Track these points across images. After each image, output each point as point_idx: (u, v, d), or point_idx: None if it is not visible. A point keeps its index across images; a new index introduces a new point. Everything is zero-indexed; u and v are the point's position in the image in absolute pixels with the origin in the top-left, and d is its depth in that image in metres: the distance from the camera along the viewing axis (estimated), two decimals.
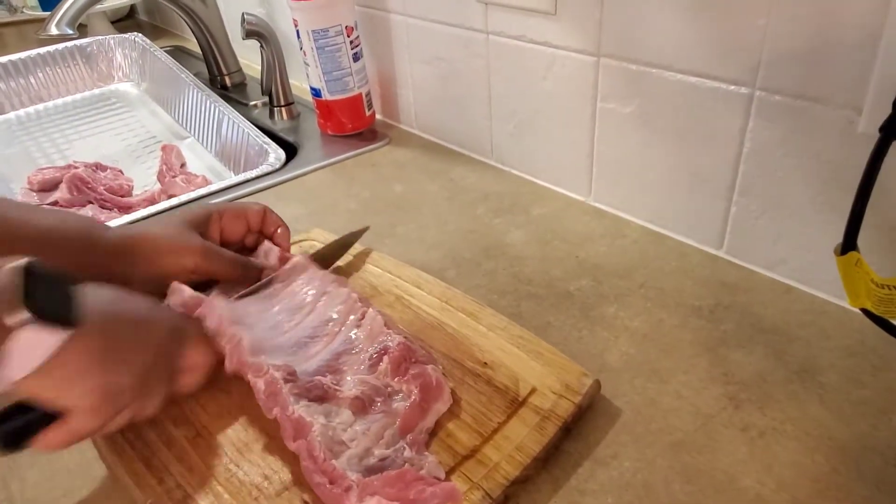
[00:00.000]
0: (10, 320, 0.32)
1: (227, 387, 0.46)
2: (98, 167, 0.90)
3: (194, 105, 1.05)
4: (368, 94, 0.88)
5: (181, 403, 0.46)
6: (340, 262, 0.60)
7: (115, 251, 0.49)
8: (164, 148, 0.97)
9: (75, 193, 0.85)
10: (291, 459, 0.41)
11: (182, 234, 0.51)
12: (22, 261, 0.34)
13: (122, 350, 0.38)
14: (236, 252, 0.55)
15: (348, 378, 0.45)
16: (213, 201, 0.59)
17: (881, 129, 0.39)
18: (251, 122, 0.94)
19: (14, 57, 1.16)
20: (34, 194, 0.88)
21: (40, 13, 1.59)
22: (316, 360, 0.46)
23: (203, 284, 0.52)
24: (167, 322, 0.43)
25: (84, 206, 0.84)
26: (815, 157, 0.50)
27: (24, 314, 0.32)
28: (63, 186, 0.86)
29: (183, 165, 0.96)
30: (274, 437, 0.42)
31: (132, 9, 1.66)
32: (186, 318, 0.46)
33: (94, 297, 0.38)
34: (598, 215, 0.68)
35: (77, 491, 0.43)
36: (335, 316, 0.49)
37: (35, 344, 0.33)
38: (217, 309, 0.46)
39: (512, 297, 0.57)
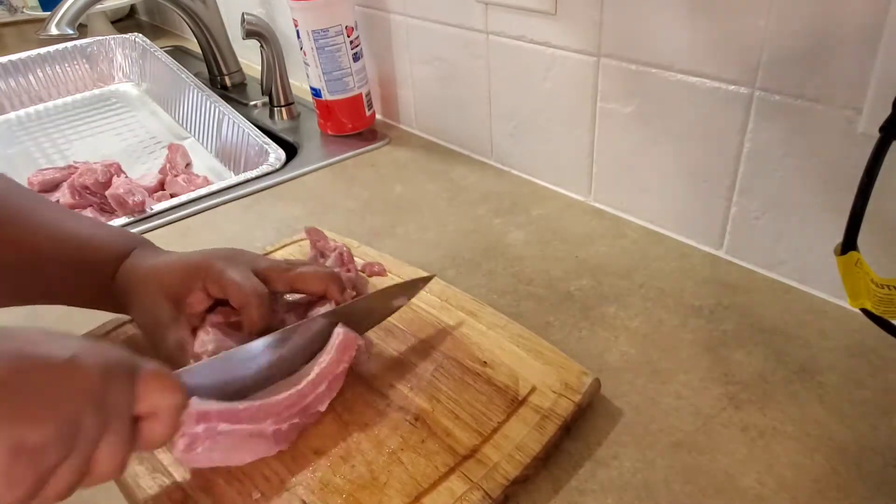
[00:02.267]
0: None
1: None
2: (116, 169, 0.89)
3: (194, 105, 1.05)
4: (368, 94, 0.88)
5: None
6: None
7: (118, 285, 0.48)
8: (170, 147, 0.97)
9: (77, 198, 0.85)
10: (291, 459, 0.41)
11: (148, 296, 0.47)
12: None
13: (28, 401, 0.32)
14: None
15: None
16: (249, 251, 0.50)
17: (881, 129, 0.39)
18: (251, 122, 0.94)
19: (14, 57, 1.16)
20: None
21: (40, 13, 1.59)
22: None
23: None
24: (99, 363, 0.35)
25: (84, 208, 0.84)
26: (815, 157, 0.50)
27: None
28: (65, 188, 0.86)
29: (188, 165, 0.96)
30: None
31: (132, 9, 1.66)
32: (134, 355, 0.38)
33: None
34: (598, 215, 0.68)
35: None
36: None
37: None
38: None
39: (512, 297, 0.57)
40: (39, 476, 0.32)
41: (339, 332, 0.44)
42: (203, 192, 0.78)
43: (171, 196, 0.84)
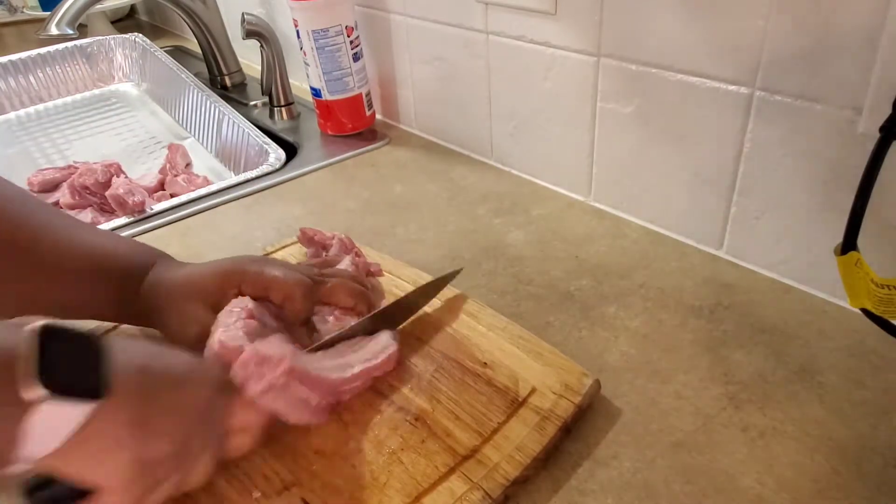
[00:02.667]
0: (27, 395, 0.28)
1: None
2: (116, 170, 0.89)
3: (194, 105, 1.05)
4: (368, 94, 0.88)
5: None
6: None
7: (145, 306, 0.48)
8: (170, 147, 0.97)
9: (77, 198, 0.85)
10: (292, 459, 0.41)
11: (184, 308, 0.47)
12: (37, 324, 0.30)
13: (157, 418, 0.33)
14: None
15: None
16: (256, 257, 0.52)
17: (881, 129, 0.39)
18: (251, 122, 0.94)
19: (14, 57, 1.16)
20: (34, 195, 0.87)
21: (40, 13, 1.59)
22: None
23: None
24: (210, 380, 0.37)
25: (84, 208, 0.84)
26: (815, 157, 0.50)
27: (40, 390, 0.28)
28: (64, 188, 0.86)
29: (188, 165, 0.96)
30: (274, 438, 0.42)
31: (132, 9, 1.66)
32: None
33: (125, 357, 0.33)
34: (598, 215, 0.68)
35: None
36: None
37: (57, 419, 0.29)
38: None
39: (512, 297, 0.57)
40: (154, 485, 0.34)
41: (391, 343, 0.47)
42: (203, 192, 0.78)
43: (171, 196, 0.84)
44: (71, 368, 0.30)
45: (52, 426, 0.29)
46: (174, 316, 0.47)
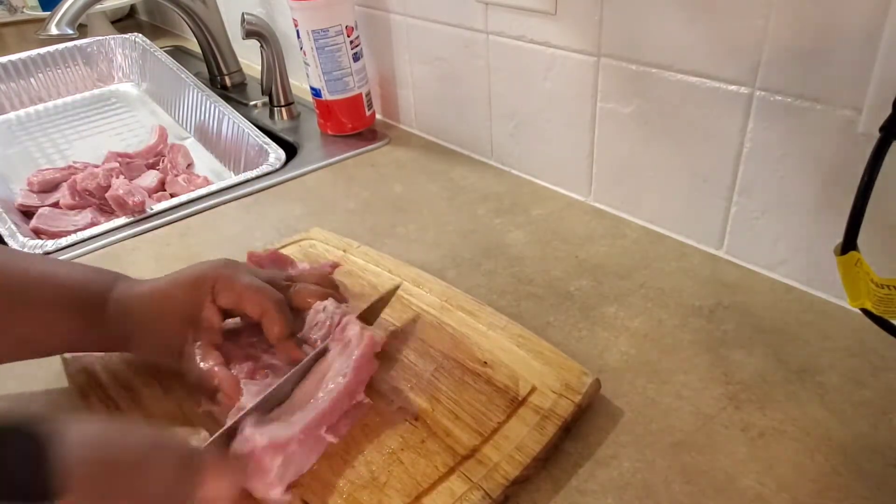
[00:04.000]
0: None
1: None
2: (116, 172, 0.89)
3: (194, 105, 1.05)
4: (368, 94, 0.88)
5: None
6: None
7: (114, 330, 0.46)
8: (171, 147, 0.97)
9: (77, 199, 0.85)
10: None
11: (173, 330, 0.46)
12: None
13: (123, 498, 0.32)
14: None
15: None
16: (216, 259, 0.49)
17: (881, 129, 0.39)
18: (251, 122, 0.94)
19: (14, 57, 1.16)
20: (34, 195, 0.88)
21: (40, 13, 1.59)
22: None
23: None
24: (174, 455, 0.35)
25: (84, 209, 0.84)
26: (815, 157, 0.50)
27: None
28: (64, 188, 0.86)
29: (189, 166, 0.97)
30: None
31: (132, 9, 1.66)
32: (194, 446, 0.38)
33: (78, 449, 0.31)
34: (598, 215, 0.68)
35: None
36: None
37: None
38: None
39: (512, 297, 0.57)
40: None
41: (364, 333, 0.45)
42: (203, 192, 0.78)
43: (171, 196, 0.84)
44: (17, 472, 0.27)
45: None
46: (149, 335, 0.47)
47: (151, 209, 0.75)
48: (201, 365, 0.45)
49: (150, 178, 0.90)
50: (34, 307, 0.45)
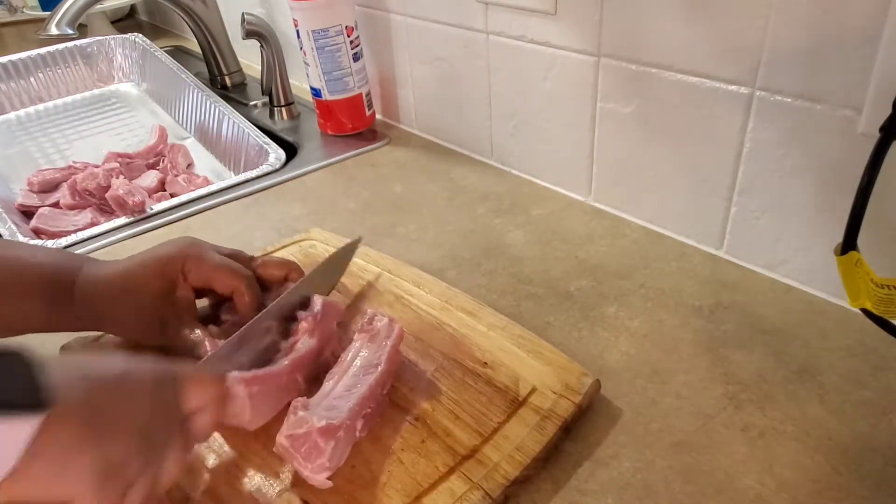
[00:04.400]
0: None
1: None
2: (117, 172, 0.89)
3: (194, 105, 1.05)
4: (368, 94, 0.88)
5: None
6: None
7: (79, 305, 0.47)
8: (171, 147, 0.97)
9: (77, 199, 0.85)
10: None
11: (147, 307, 0.47)
12: None
13: (108, 417, 0.32)
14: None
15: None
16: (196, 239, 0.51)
17: (881, 129, 0.39)
18: (251, 122, 0.94)
19: (14, 57, 1.16)
20: (34, 195, 0.88)
21: (40, 13, 1.59)
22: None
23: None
24: (151, 371, 0.36)
25: (84, 209, 0.84)
26: (815, 157, 0.50)
27: None
28: (64, 188, 0.86)
29: (190, 166, 0.97)
30: (274, 437, 0.42)
31: (132, 9, 1.66)
32: (171, 361, 0.39)
33: (61, 366, 0.33)
34: (598, 215, 0.68)
35: None
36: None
37: (5, 438, 0.28)
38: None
39: (512, 297, 0.57)
40: (126, 486, 0.33)
41: (393, 324, 0.47)
42: (203, 192, 0.78)
43: (171, 196, 0.84)
44: (8, 385, 0.28)
45: (2, 447, 0.28)
46: (122, 316, 0.48)
47: (151, 209, 0.75)
48: (191, 336, 0.47)
49: (150, 178, 0.90)
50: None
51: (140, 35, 1.23)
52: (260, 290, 0.51)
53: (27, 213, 0.85)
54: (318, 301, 0.49)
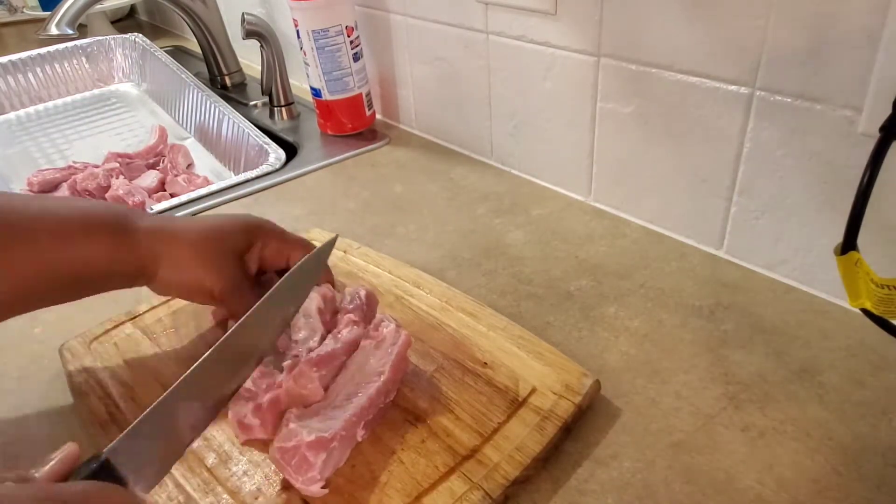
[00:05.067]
0: None
1: None
2: (116, 172, 0.89)
3: (194, 105, 1.05)
4: (368, 94, 0.88)
5: None
6: (341, 264, 0.60)
7: (145, 246, 0.47)
8: (171, 147, 0.97)
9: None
10: None
11: (218, 254, 0.48)
12: None
13: None
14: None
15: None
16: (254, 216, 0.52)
17: (881, 129, 0.39)
18: (251, 122, 0.94)
19: (14, 57, 1.16)
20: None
21: (40, 13, 1.59)
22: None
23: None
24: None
25: None
26: (815, 157, 0.50)
27: None
28: (64, 188, 0.87)
29: (190, 166, 0.97)
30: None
31: (132, 9, 1.66)
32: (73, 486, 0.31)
33: None
34: (598, 215, 0.68)
35: None
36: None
37: None
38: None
39: (512, 298, 0.57)
40: None
41: (400, 331, 0.46)
42: (203, 192, 0.78)
43: (171, 196, 0.84)
44: None
45: None
46: (191, 268, 0.48)
47: (151, 209, 0.75)
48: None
49: (150, 179, 0.90)
50: (63, 234, 0.45)
51: (140, 35, 1.23)
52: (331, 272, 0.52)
53: None
54: (361, 292, 0.51)
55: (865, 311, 0.41)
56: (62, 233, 0.45)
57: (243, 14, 0.90)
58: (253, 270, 0.51)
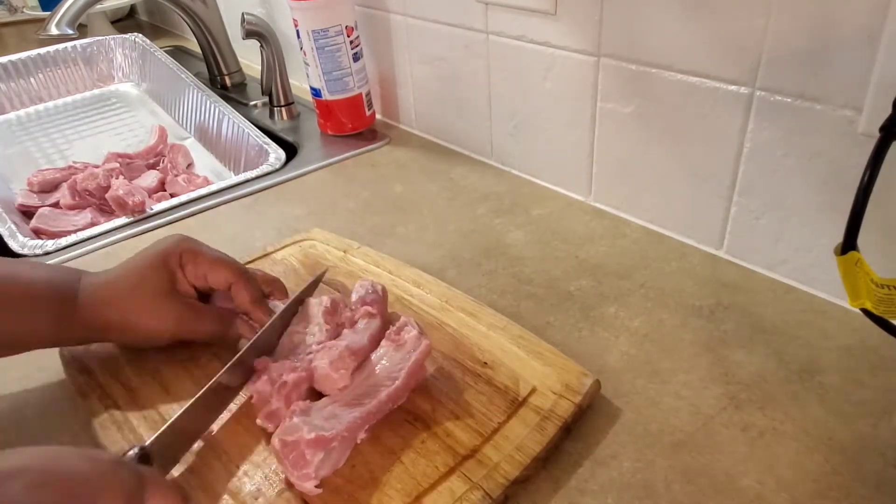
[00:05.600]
0: None
1: None
2: (117, 172, 0.89)
3: (194, 105, 1.05)
4: (368, 94, 0.88)
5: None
6: (342, 264, 0.60)
7: (85, 318, 0.47)
8: (171, 147, 0.97)
9: (77, 199, 0.85)
10: None
11: (145, 301, 0.47)
12: None
13: None
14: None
15: None
16: (186, 237, 0.51)
17: (881, 129, 0.39)
18: (251, 122, 0.94)
19: (14, 57, 1.16)
20: (34, 195, 0.88)
21: (40, 13, 1.59)
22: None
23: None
24: (114, 479, 0.33)
25: (84, 209, 0.84)
26: (815, 157, 0.50)
27: None
28: (64, 188, 0.86)
29: (190, 166, 0.97)
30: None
31: (132, 9, 1.66)
32: (138, 465, 0.36)
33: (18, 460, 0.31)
34: (598, 215, 0.68)
35: None
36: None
37: None
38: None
39: (512, 297, 0.57)
40: None
41: (421, 339, 0.46)
42: (203, 192, 0.78)
43: (171, 196, 0.84)
44: None
45: None
46: (131, 315, 0.47)
47: (151, 209, 0.75)
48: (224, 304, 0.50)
49: (150, 179, 0.90)
50: (6, 307, 0.45)
51: (140, 35, 1.23)
52: (257, 282, 0.51)
53: (27, 213, 0.85)
54: (377, 286, 0.51)
55: (865, 311, 0.41)
56: (4, 304, 0.45)
57: (243, 14, 0.90)
58: (193, 293, 0.50)
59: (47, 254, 0.68)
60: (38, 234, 0.80)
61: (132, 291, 0.48)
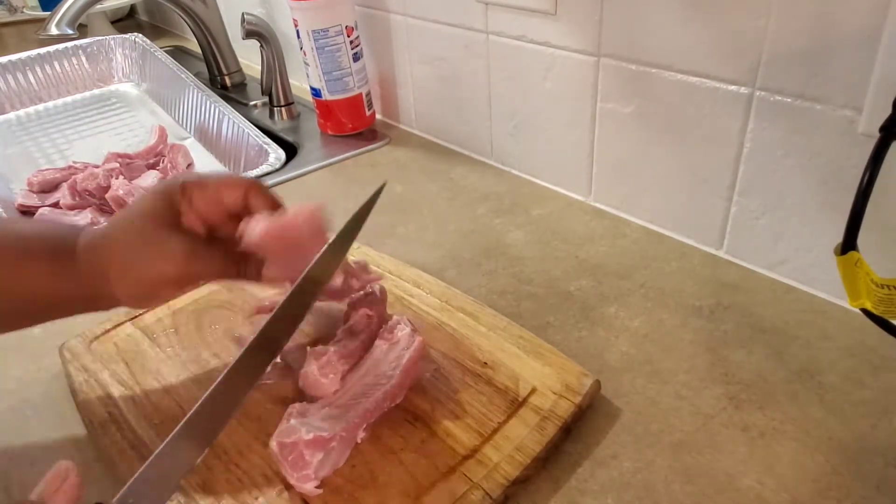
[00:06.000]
0: None
1: None
2: (117, 172, 0.89)
3: (194, 105, 1.05)
4: (368, 94, 0.88)
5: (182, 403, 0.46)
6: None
7: (85, 265, 0.43)
8: (171, 147, 0.97)
9: (77, 199, 0.85)
10: None
11: (150, 239, 0.43)
12: None
13: None
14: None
15: None
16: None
17: (881, 129, 0.39)
18: (251, 122, 0.94)
19: (14, 57, 1.16)
20: (34, 195, 0.88)
21: (40, 13, 1.59)
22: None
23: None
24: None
25: (84, 209, 0.84)
26: (815, 157, 0.50)
27: None
28: (64, 188, 0.86)
29: (190, 166, 0.96)
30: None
31: (132, 9, 1.66)
32: None
33: None
34: (598, 215, 0.68)
35: None
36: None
37: None
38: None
39: (512, 297, 0.57)
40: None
41: (415, 336, 0.46)
42: None
43: None
44: None
45: None
46: (132, 258, 0.43)
47: None
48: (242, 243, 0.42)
49: (150, 179, 0.90)
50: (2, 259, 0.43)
51: (140, 35, 1.23)
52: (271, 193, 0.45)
53: (27, 213, 0.85)
54: (375, 286, 0.51)
55: (865, 311, 0.41)
56: (8, 262, 0.42)
57: (243, 14, 0.90)
58: (200, 230, 0.44)
59: None
60: None
61: (132, 227, 0.43)
